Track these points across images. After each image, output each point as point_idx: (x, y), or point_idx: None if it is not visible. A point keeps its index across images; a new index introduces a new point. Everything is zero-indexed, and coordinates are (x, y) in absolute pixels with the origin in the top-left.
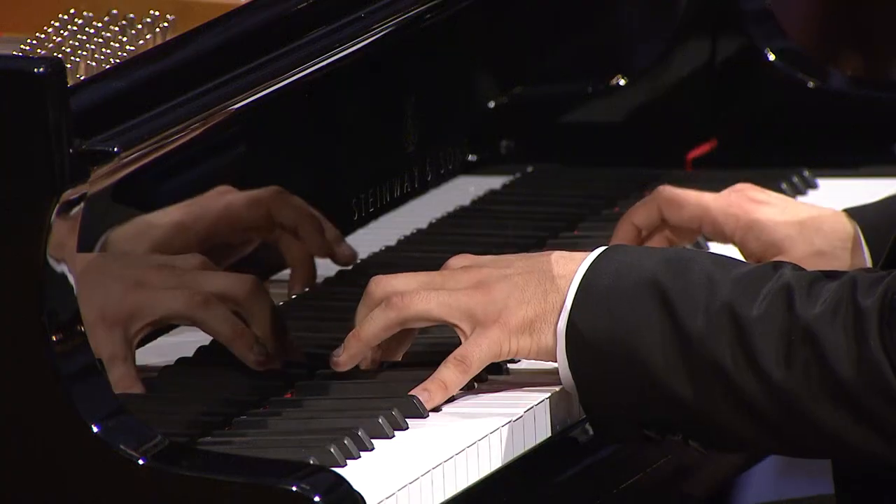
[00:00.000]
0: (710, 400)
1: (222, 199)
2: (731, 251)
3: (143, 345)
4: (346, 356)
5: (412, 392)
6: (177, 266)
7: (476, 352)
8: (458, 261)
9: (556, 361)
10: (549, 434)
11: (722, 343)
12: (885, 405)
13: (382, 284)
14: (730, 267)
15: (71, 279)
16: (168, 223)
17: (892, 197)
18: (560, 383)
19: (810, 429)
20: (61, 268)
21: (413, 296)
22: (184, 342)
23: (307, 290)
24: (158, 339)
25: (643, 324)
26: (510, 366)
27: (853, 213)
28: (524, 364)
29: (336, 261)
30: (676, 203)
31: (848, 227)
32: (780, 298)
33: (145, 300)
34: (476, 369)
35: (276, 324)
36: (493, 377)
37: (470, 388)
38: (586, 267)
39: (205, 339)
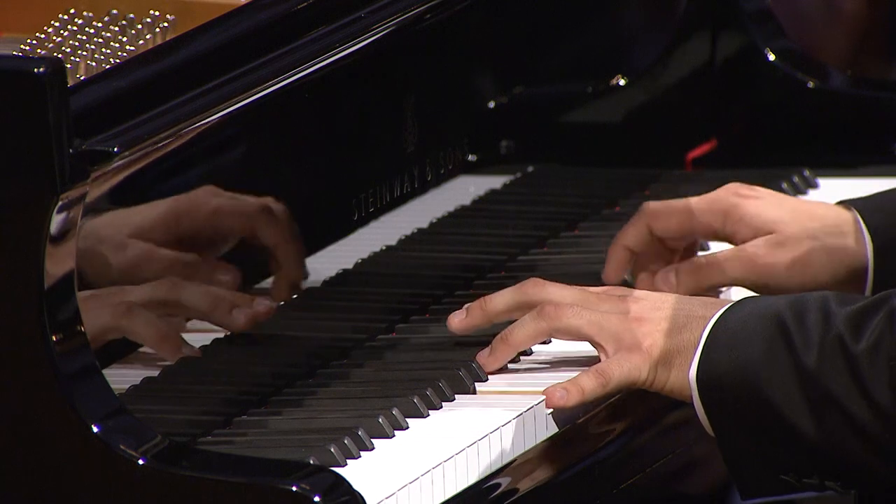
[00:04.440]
0: (831, 434)
1: (210, 203)
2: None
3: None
4: (493, 358)
5: (547, 390)
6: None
7: (617, 370)
8: (615, 289)
9: (688, 401)
10: (550, 434)
11: (834, 376)
12: None
13: (539, 289)
14: (848, 302)
15: (71, 279)
16: (150, 217)
17: (889, 190)
18: (558, 384)
19: None
20: (61, 268)
21: (566, 309)
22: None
23: (308, 289)
24: None
25: (766, 360)
26: (509, 364)
27: (849, 202)
28: (524, 363)
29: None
30: (663, 215)
31: (843, 213)
32: (886, 326)
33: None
34: (612, 388)
35: (210, 303)
36: (494, 375)
37: (470, 388)
38: (721, 312)
39: (206, 339)
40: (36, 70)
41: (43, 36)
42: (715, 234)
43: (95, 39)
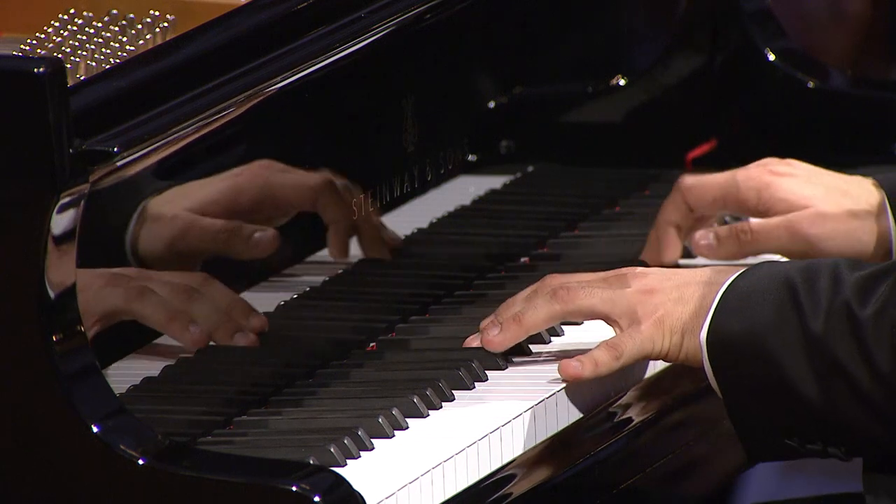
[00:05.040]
0: (834, 399)
1: (267, 176)
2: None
3: (143, 346)
4: (503, 337)
5: (562, 362)
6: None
7: (629, 343)
8: (625, 269)
9: (701, 366)
10: (550, 434)
11: (839, 341)
12: None
13: (554, 278)
14: (859, 268)
15: (71, 279)
16: (208, 194)
17: None
18: (560, 383)
19: None
20: (61, 268)
21: (578, 290)
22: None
23: (308, 289)
24: (159, 339)
25: (774, 323)
26: (509, 365)
27: (881, 180)
28: (524, 363)
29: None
30: (698, 189)
31: (875, 193)
32: (893, 293)
33: (85, 299)
34: (626, 360)
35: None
36: (493, 373)
37: (470, 388)
38: (735, 275)
39: None
40: (36, 70)
41: (43, 36)
42: (749, 210)
43: (95, 39)
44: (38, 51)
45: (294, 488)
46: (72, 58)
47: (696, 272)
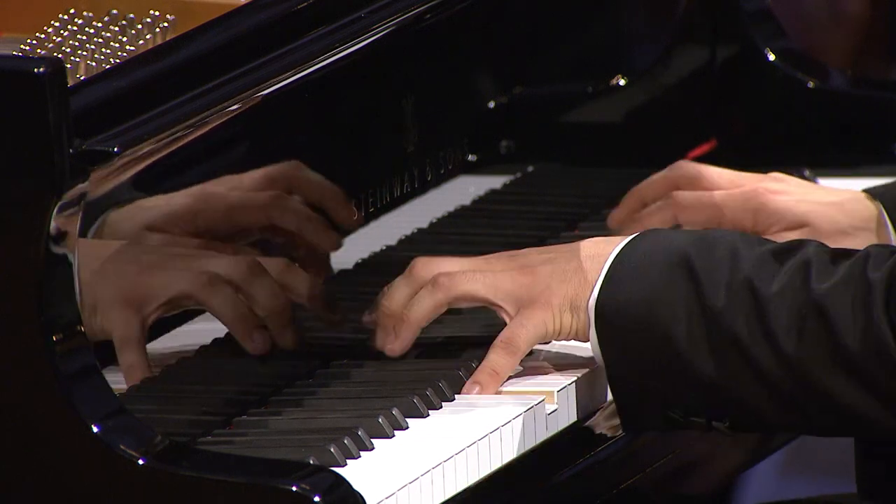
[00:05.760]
0: (730, 375)
1: (226, 194)
2: None
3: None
4: (400, 342)
5: (465, 388)
6: (181, 250)
7: (522, 333)
8: (508, 252)
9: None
10: (550, 434)
11: (740, 318)
12: (889, 377)
13: (428, 266)
14: (756, 244)
15: (71, 279)
16: (167, 211)
17: None
18: (560, 382)
19: (824, 401)
20: (61, 268)
21: (459, 276)
22: (185, 342)
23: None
24: (159, 338)
25: (668, 297)
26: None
27: (874, 192)
28: (524, 363)
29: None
30: (692, 208)
31: (870, 207)
32: (798, 274)
33: (155, 282)
34: (524, 351)
35: (280, 305)
36: None
37: (471, 389)
38: (622, 246)
39: (206, 339)
40: (36, 70)
41: (43, 36)
42: (745, 229)
43: (95, 39)
44: (38, 51)
45: (294, 488)
46: (72, 58)
47: (572, 247)
